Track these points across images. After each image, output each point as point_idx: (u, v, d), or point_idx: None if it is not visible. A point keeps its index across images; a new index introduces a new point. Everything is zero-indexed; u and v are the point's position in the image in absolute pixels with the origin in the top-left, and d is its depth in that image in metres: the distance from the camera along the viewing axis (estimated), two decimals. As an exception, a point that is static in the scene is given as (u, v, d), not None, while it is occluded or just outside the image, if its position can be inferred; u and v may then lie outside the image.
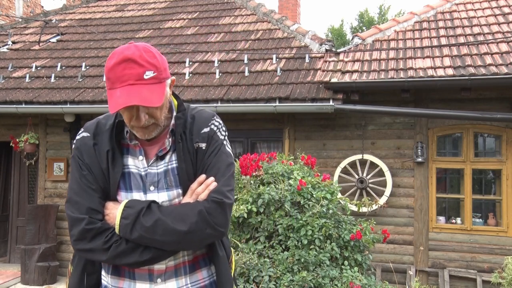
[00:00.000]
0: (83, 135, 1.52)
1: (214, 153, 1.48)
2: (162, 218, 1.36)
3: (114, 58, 1.36)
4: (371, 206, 5.68)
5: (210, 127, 1.52)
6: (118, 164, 1.46)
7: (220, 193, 1.42)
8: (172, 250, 1.41)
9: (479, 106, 5.73)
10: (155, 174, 1.47)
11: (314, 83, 5.90)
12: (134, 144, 1.49)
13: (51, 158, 7.07)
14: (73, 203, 1.42)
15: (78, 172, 1.46)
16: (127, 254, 1.38)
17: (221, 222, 1.40)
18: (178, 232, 1.35)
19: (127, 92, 1.32)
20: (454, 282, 5.67)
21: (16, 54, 8.07)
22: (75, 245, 1.41)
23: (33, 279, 6.39)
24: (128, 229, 1.36)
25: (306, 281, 3.46)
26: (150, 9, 9.25)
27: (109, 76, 1.36)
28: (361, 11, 23.66)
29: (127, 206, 1.39)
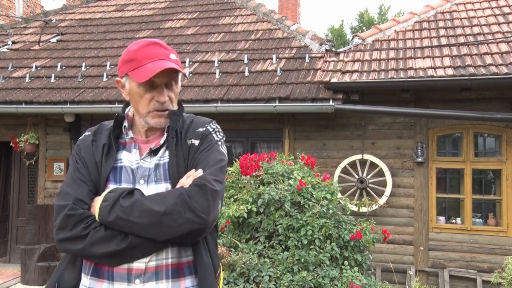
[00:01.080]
0: (85, 135, 1.57)
1: (206, 149, 1.48)
2: (140, 199, 1.34)
3: (138, 44, 1.45)
4: (371, 206, 5.68)
5: (206, 127, 1.54)
6: (111, 157, 1.47)
7: (202, 178, 1.38)
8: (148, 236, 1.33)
9: (479, 106, 5.72)
10: (146, 168, 1.46)
11: (314, 83, 5.90)
12: (130, 138, 1.51)
13: (51, 158, 7.07)
14: (62, 194, 1.42)
15: (73, 166, 1.48)
16: (104, 241, 1.33)
17: (202, 207, 1.33)
18: (155, 213, 1.30)
19: (159, 63, 1.40)
20: (454, 282, 5.67)
21: (16, 54, 8.07)
22: (56, 234, 1.38)
23: (33, 279, 6.39)
24: (106, 211, 1.34)
25: (306, 281, 3.46)
26: (150, 9, 9.25)
27: (135, 56, 1.42)
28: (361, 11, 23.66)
29: (110, 191, 1.39)
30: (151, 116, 1.47)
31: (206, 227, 1.35)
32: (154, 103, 1.45)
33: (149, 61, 1.41)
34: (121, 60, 1.48)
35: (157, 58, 1.42)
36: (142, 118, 1.49)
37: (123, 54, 1.49)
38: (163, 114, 1.48)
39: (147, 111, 1.46)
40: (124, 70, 1.47)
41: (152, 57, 1.42)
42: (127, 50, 1.47)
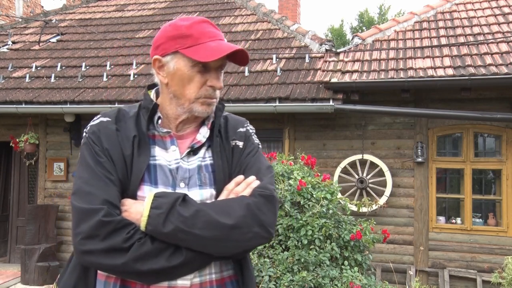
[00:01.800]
0: (101, 119, 1.27)
1: (252, 153, 1.34)
2: (203, 209, 1.14)
3: (188, 20, 1.26)
4: (371, 206, 5.68)
5: (246, 128, 1.41)
6: (145, 152, 1.23)
7: (267, 188, 1.23)
8: (210, 252, 1.15)
9: (479, 106, 5.72)
10: (186, 170, 1.26)
11: (314, 83, 5.90)
12: (165, 133, 1.28)
13: (51, 158, 7.07)
14: (83, 194, 1.14)
15: (93, 159, 1.19)
16: (152, 256, 1.10)
17: (270, 221, 1.20)
18: (223, 226, 1.13)
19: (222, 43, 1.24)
20: (454, 282, 5.67)
21: (16, 54, 8.07)
22: (81, 245, 1.10)
23: (33, 279, 6.39)
24: (160, 220, 1.11)
25: (306, 281, 3.46)
26: (150, 9, 9.25)
27: (190, 32, 1.23)
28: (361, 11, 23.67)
29: (157, 195, 1.15)
30: (200, 103, 1.26)
31: (269, 239, 1.23)
32: (206, 89, 1.26)
33: (209, 40, 1.23)
34: (167, 36, 1.25)
35: (217, 38, 1.25)
36: (186, 105, 1.26)
37: (169, 30, 1.27)
38: (212, 102, 1.29)
39: (196, 96, 1.25)
40: (171, 46, 1.24)
41: (211, 36, 1.24)
42: (175, 25, 1.26)
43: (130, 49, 7.66)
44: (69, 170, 7.01)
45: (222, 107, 1.36)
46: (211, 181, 1.27)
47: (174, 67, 1.25)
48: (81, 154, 1.24)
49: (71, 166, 7.01)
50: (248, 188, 1.24)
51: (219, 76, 1.28)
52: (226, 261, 1.26)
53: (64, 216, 6.99)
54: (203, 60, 1.20)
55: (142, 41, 7.81)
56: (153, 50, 1.30)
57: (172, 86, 1.27)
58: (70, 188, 6.98)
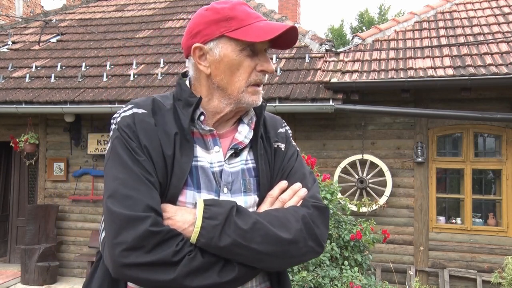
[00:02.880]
0: (135, 111, 1.10)
1: (294, 157, 1.24)
2: (261, 221, 1.04)
3: (227, 3, 1.14)
4: (371, 206, 5.68)
5: (285, 128, 1.30)
6: (188, 152, 1.09)
7: (318, 199, 1.15)
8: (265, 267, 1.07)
9: (479, 106, 5.72)
10: (229, 173, 1.14)
11: (314, 83, 5.90)
12: (208, 131, 1.14)
13: (51, 158, 7.07)
14: (123, 198, 1.00)
15: (130, 157, 1.03)
16: (203, 271, 0.99)
17: (323, 235, 1.12)
18: (281, 241, 1.04)
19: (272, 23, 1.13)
20: (454, 282, 5.67)
21: (16, 54, 8.07)
22: (123, 257, 0.96)
23: (33, 279, 6.39)
24: (216, 233, 0.99)
25: (306, 281, 3.46)
26: (150, 9, 9.25)
27: (234, 14, 1.11)
28: (361, 11, 23.66)
29: (209, 204, 1.03)
30: (250, 92, 1.14)
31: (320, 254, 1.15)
32: (257, 74, 1.13)
33: (256, 21, 1.12)
34: (206, 21, 1.13)
35: (261, 19, 1.14)
36: (234, 95, 1.13)
37: (207, 14, 1.14)
38: (260, 91, 1.17)
39: (246, 84, 1.13)
40: (215, 31, 1.11)
41: (255, 17, 1.13)
42: (215, 8, 1.13)
43: (130, 49, 7.66)
44: (69, 170, 7.01)
45: (265, 105, 1.23)
46: (255, 187, 1.16)
47: (219, 53, 1.12)
48: (112, 149, 1.07)
49: (71, 166, 7.01)
50: (295, 196, 1.15)
51: (268, 59, 1.15)
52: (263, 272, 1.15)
53: (64, 216, 6.99)
54: (256, 40, 1.08)
55: (142, 41, 7.81)
56: (189, 39, 1.17)
57: (217, 75, 1.13)
58: (70, 188, 6.99)
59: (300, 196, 1.15)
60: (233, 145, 1.16)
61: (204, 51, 1.14)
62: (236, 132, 1.19)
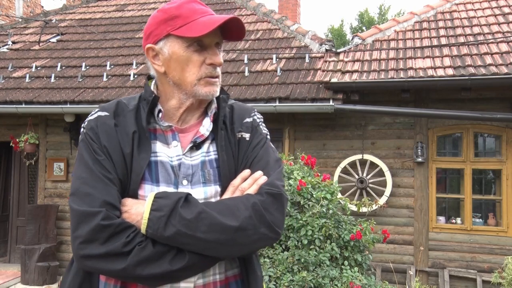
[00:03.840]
0: (98, 114, 1.20)
1: (259, 145, 1.26)
2: (207, 210, 1.08)
3: (176, 2, 1.20)
4: (371, 206, 5.68)
5: (253, 117, 1.32)
6: (145, 149, 1.16)
7: (274, 186, 1.17)
8: (214, 255, 1.11)
9: (479, 106, 5.73)
10: (189, 166, 1.19)
11: (314, 83, 5.90)
12: (167, 127, 1.21)
13: (51, 158, 7.07)
14: (82, 196, 1.10)
15: (91, 157, 1.13)
16: (153, 260, 1.05)
17: (278, 220, 1.14)
18: (228, 228, 1.07)
19: (215, 16, 1.17)
20: (454, 282, 5.67)
21: (16, 54, 8.07)
22: (80, 249, 1.06)
23: (33, 279, 6.39)
24: (161, 224, 1.05)
25: (306, 281, 3.46)
26: (150, 9, 9.25)
27: (179, 12, 1.17)
28: (361, 11, 23.68)
29: (158, 196, 1.09)
30: (203, 84, 1.19)
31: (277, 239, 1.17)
32: (206, 67, 1.18)
33: (200, 16, 1.17)
34: (156, 21, 1.20)
35: (207, 14, 1.18)
36: (188, 89, 1.19)
37: (157, 15, 1.21)
38: (216, 82, 1.21)
39: (197, 77, 1.18)
40: (162, 31, 1.18)
41: (201, 12, 1.18)
42: (163, 9, 1.20)
43: (130, 49, 7.66)
44: (69, 170, 7.01)
45: (226, 97, 1.29)
46: (215, 178, 1.20)
47: (168, 51, 1.19)
48: (78, 151, 1.18)
49: (71, 166, 7.01)
50: (255, 184, 1.17)
51: (217, 52, 1.20)
52: (230, 260, 1.21)
53: (64, 216, 6.99)
54: (196, 34, 1.14)
55: (142, 41, 7.80)
56: (144, 41, 1.25)
57: (170, 73, 1.20)
58: (70, 188, 6.97)
59: (259, 184, 1.18)
60: (194, 139, 1.21)
61: (156, 51, 1.21)
62: (200, 125, 1.24)
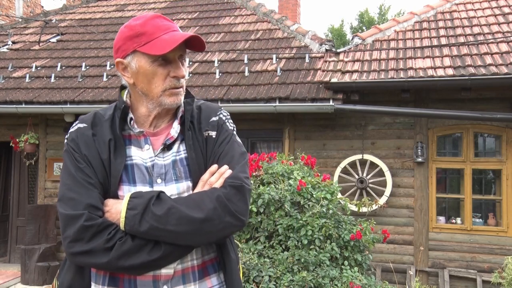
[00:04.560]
0: (78, 126, 1.35)
1: (225, 141, 1.37)
2: (175, 206, 1.21)
3: (140, 18, 1.31)
4: (371, 206, 5.68)
5: (219, 116, 1.43)
6: (121, 154, 1.30)
7: (237, 178, 1.29)
8: (186, 244, 1.24)
9: (479, 106, 5.73)
10: (162, 166, 1.32)
11: (314, 83, 5.90)
12: (139, 132, 1.34)
13: (51, 158, 7.07)
14: (67, 200, 1.24)
15: (73, 166, 1.28)
16: (133, 253, 1.20)
17: (241, 209, 1.27)
18: (194, 220, 1.20)
19: (175, 34, 1.28)
20: (454, 282, 5.67)
21: (16, 54, 8.07)
22: (69, 248, 1.21)
23: (33, 279, 6.39)
24: (136, 221, 1.19)
25: (306, 281, 3.46)
26: (150, 9, 9.26)
27: (143, 30, 1.28)
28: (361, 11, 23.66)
29: (133, 196, 1.23)
30: (167, 95, 1.31)
31: (243, 226, 1.31)
32: (170, 80, 1.30)
33: (163, 33, 1.28)
34: (123, 37, 1.32)
35: (170, 30, 1.29)
36: (155, 99, 1.32)
37: (124, 31, 1.32)
38: (180, 92, 1.34)
39: (162, 89, 1.30)
40: (129, 47, 1.30)
41: (164, 29, 1.29)
42: (129, 25, 1.31)
43: (130, 49, 7.65)
44: (69, 170, 7.00)
45: (191, 100, 1.41)
46: (186, 174, 1.33)
47: (136, 66, 1.30)
48: (63, 160, 1.33)
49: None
50: (221, 178, 1.30)
51: (180, 66, 1.32)
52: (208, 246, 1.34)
53: (64, 216, 6.98)
54: (158, 53, 1.25)
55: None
56: (114, 54, 1.36)
57: (138, 84, 1.32)
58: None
59: (224, 178, 1.30)
60: (164, 141, 1.34)
61: (125, 65, 1.33)
62: (171, 128, 1.37)
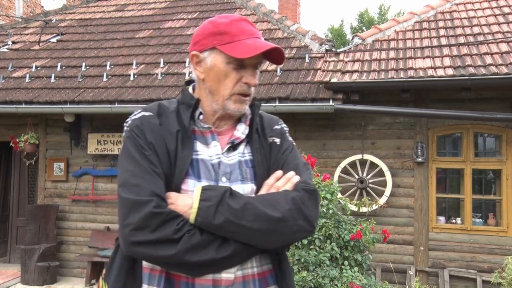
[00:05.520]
0: (142, 114, 1.29)
1: (288, 150, 1.37)
2: (251, 202, 1.17)
3: (227, 17, 1.30)
4: (371, 206, 5.67)
5: (281, 126, 1.44)
6: (188, 147, 1.25)
7: (309, 183, 1.27)
8: (257, 244, 1.18)
9: (479, 106, 5.72)
10: (227, 165, 1.28)
11: (314, 83, 5.90)
12: (206, 128, 1.31)
13: (51, 158, 7.07)
14: (131, 186, 1.16)
15: (138, 152, 1.20)
16: (201, 247, 1.13)
17: (314, 214, 1.24)
18: (271, 219, 1.16)
19: (259, 41, 1.26)
20: (454, 282, 5.67)
21: (16, 54, 8.07)
22: (131, 236, 1.12)
23: (33, 279, 6.39)
24: (210, 212, 1.13)
25: (306, 281, 3.46)
26: (150, 9, 9.25)
27: (228, 29, 1.26)
28: (361, 11, 23.66)
29: (206, 188, 1.18)
30: (233, 100, 1.28)
31: (312, 233, 1.27)
32: (241, 85, 1.28)
33: (247, 37, 1.26)
34: (206, 32, 1.29)
35: (254, 36, 1.27)
36: (220, 101, 1.29)
37: (208, 26, 1.30)
38: (246, 100, 1.31)
39: (230, 93, 1.28)
40: (209, 43, 1.27)
41: (249, 34, 1.27)
42: (214, 22, 1.29)
43: (130, 49, 7.66)
44: (69, 170, 7.01)
45: (259, 104, 1.39)
46: (251, 176, 1.29)
47: (210, 63, 1.28)
48: (124, 147, 1.25)
49: (71, 166, 7.01)
50: (288, 183, 1.27)
51: (254, 74, 1.30)
52: (265, 255, 1.28)
53: (64, 216, 6.99)
54: (238, 56, 1.23)
55: (142, 41, 7.81)
56: (191, 46, 1.34)
57: (208, 81, 1.30)
58: (70, 188, 6.99)
59: (293, 183, 1.27)
60: (231, 140, 1.31)
61: (200, 59, 1.30)
62: (235, 130, 1.34)
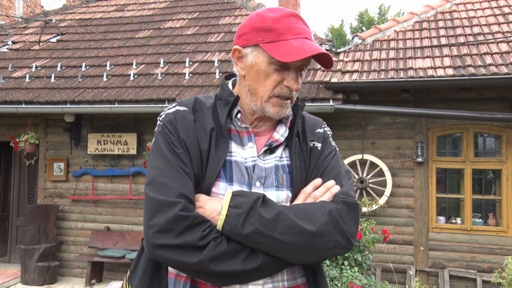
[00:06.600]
0: (177, 108, 1.20)
1: (330, 156, 1.26)
2: (285, 212, 1.07)
3: (277, 12, 1.17)
4: (371, 206, 5.67)
5: (324, 129, 1.33)
6: (223, 147, 1.16)
7: (349, 195, 1.16)
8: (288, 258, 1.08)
9: (479, 106, 5.72)
10: (262, 169, 1.18)
11: (314, 83, 5.90)
12: (244, 128, 1.21)
13: (51, 158, 7.07)
14: (159, 185, 1.08)
15: (169, 150, 1.12)
16: (227, 257, 1.04)
17: (352, 230, 1.13)
18: (305, 232, 1.06)
19: (306, 43, 1.14)
20: (454, 282, 5.67)
21: (16, 54, 8.07)
22: (155, 238, 1.05)
23: (33, 279, 6.39)
24: (240, 221, 1.04)
25: (306, 281, 3.46)
26: (150, 9, 9.25)
27: (275, 26, 1.14)
28: (361, 11, 23.68)
29: (236, 194, 1.09)
30: (272, 103, 1.19)
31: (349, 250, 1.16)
32: (282, 88, 1.17)
33: (293, 37, 1.14)
34: (251, 26, 1.18)
35: (302, 36, 1.15)
36: (258, 102, 1.20)
37: (255, 19, 1.18)
38: (286, 104, 1.21)
39: (269, 95, 1.18)
40: (253, 39, 1.17)
41: (297, 33, 1.15)
42: (262, 16, 1.17)
43: (130, 49, 7.66)
44: (69, 170, 7.01)
45: (302, 105, 1.29)
46: (288, 183, 1.20)
47: (252, 60, 1.19)
48: (155, 142, 1.18)
49: (71, 166, 7.01)
50: (328, 193, 1.17)
51: (297, 77, 1.19)
52: (299, 267, 1.19)
53: (64, 216, 6.99)
54: (281, 60, 1.13)
55: (142, 41, 7.81)
56: (235, 39, 1.24)
57: (248, 79, 1.21)
58: (70, 188, 6.99)
59: (332, 193, 1.17)
60: (268, 142, 1.21)
61: (242, 54, 1.22)
62: (274, 131, 1.24)
